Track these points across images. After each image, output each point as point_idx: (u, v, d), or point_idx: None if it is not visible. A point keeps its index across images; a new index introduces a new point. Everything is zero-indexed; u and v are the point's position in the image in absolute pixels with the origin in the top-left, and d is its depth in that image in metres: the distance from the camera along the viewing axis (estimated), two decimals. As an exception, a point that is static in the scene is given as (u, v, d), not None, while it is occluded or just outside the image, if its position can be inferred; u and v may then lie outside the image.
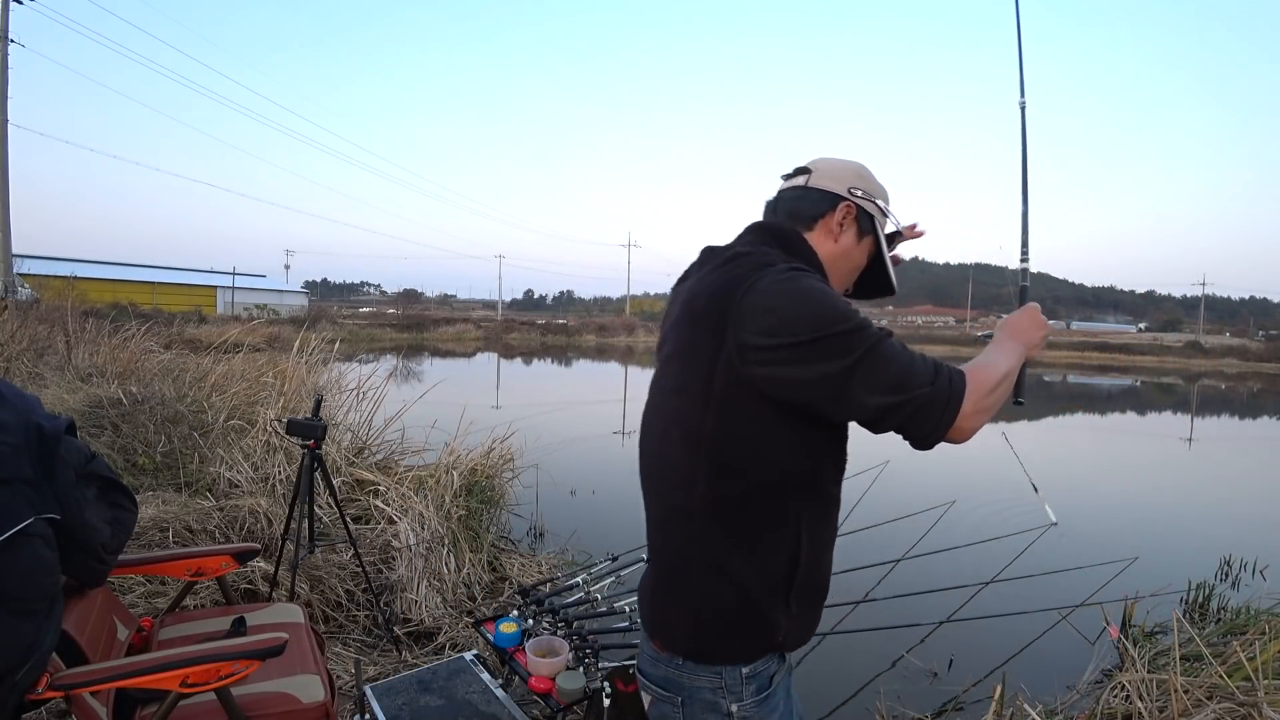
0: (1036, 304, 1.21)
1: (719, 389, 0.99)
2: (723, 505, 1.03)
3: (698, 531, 1.05)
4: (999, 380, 1.02)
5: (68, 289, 13.45)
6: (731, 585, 1.04)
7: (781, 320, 0.95)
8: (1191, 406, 20.22)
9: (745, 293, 0.98)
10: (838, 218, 1.15)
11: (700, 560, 1.05)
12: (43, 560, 1.26)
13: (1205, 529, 6.25)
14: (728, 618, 1.04)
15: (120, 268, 43.44)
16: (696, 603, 1.06)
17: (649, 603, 1.14)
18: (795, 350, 0.94)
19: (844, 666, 3.24)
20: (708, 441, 1.02)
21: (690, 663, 1.07)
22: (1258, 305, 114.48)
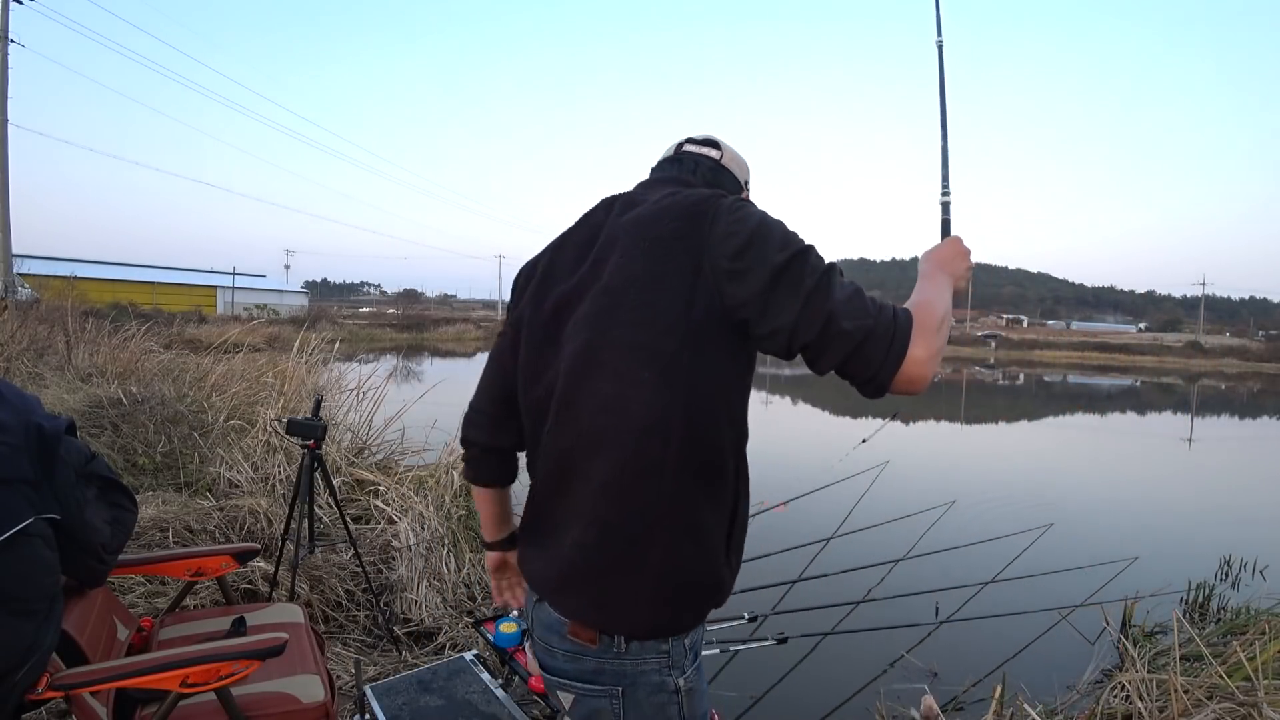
0: (960, 236, 1.17)
1: (698, 318, 0.91)
2: (697, 454, 0.94)
3: (670, 488, 0.93)
4: (942, 318, 0.94)
5: (68, 289, 13.45)
6: (702, 547, 0.97)
7: (751, 241, 0.90)
8: (1191, 407, 20.23)
9: (714, 217, 0.93)
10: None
11: (672, 521, 0.94)
12: (43, 560, 1.26)
13: (1205, 529, 6.25)
14: (695, 583, 0.98)
15: (120, 268, 43.43)
16: (665, 571, 0.95)
17: (579, 593, 0.98)
18: (764, 272, 0.89)
19: (844, 666, 3.24)
20: (685, 380, 0.92)
21: (636, 644, 0.96)
22: (1258, 305, 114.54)
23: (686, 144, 1.18)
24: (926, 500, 5.61)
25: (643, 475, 0.93)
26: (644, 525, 0.94)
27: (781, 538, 4.09)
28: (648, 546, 0.94)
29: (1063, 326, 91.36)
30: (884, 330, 0.87)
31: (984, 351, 53.94)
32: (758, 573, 3.48)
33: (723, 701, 2.87)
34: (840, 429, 13.12)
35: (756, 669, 3.13)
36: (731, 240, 0.91)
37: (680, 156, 1.16)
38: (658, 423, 0.92)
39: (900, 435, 12.33)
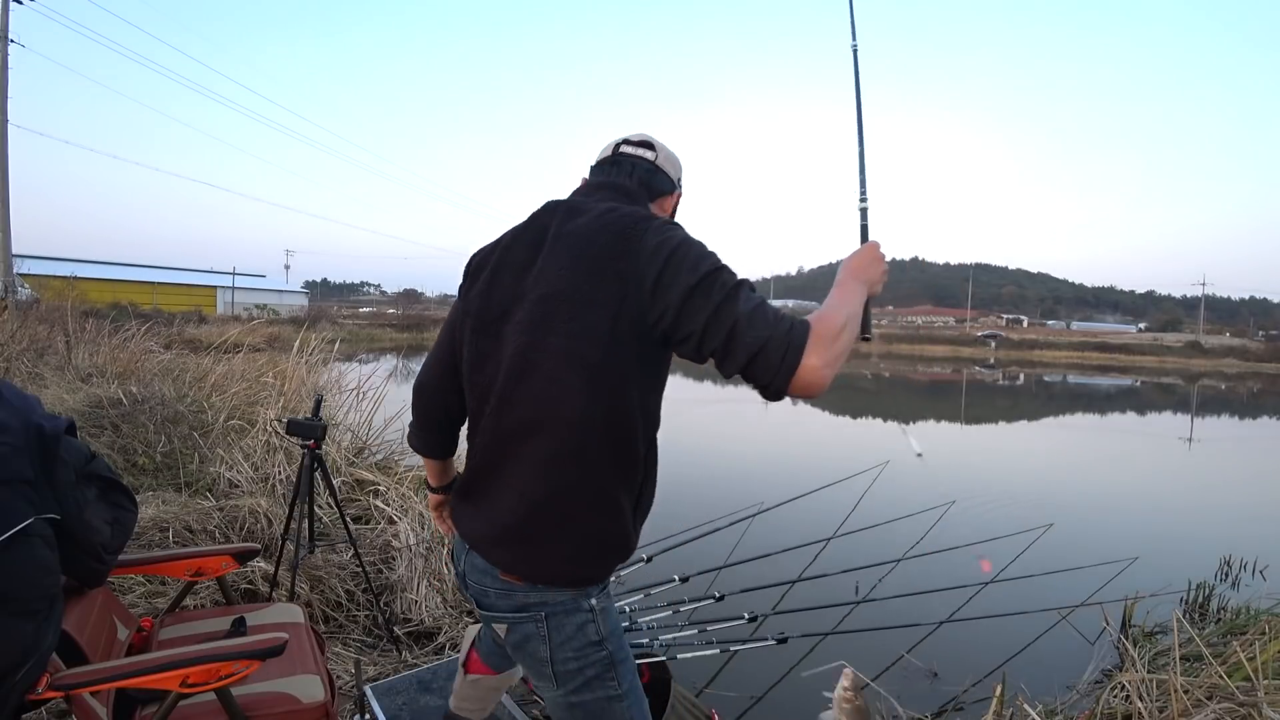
0: (877, 241, 1.24)
1: (622, 330, 1.07)
2: (615, 444, 1.13)
3: (591, 472, 1.13)
4: (841, 327, 1.03)
5: (68, 289, 13.45)
6: (615, 519, 1.17)
7: (670, 262, 1.04)
8: (1191, 407, 20.23)
9: (642, 241, 1.07)
10: (672, 201, 1.32)
11: (591, 499, 1.14)
12: (43, 560, 1.26)
13: (1205, 529, 6.25)
14: (608, 546, 1.18)
15: (120, 268, 43.42)
16: (583, 538, 1.15)
17: (510, 549, 1.17)
18: (681, 289, 1.03)
19: (844, 666, 3.24)
20: (607, 383, 1.09)
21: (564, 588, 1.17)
22: (1258, 305, 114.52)
23: (623, 145, 1.31)
24: (926, 500, 5.61)
25: (569, 461, 1.12)
26: (568, 501, 1.14)
27: (781, 538, 4.09)
28: (570, 518, 1.14)
29: (1063, 326, 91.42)
30: (779, 342, 0.98)
31: (984, 351, 53.94)
32: (758, 573, 3.48)
33: (723, 701, 2.87)
34: (840, 429, 13.13)
35: (756, 669, 3.13)
36: (655, 262, 1.05)
37: (618, 158, 1.29)
38: (583, 418, 1.10)
39: (899, 435, 12.33)
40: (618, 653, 1.21)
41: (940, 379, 28.07)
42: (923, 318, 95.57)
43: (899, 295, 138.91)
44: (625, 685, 1.22)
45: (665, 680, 2.17)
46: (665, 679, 2.18)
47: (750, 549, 3.88)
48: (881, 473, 5.94)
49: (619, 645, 1.22)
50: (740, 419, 13.39)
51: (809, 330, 0.99)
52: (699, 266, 1.03)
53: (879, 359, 41.12)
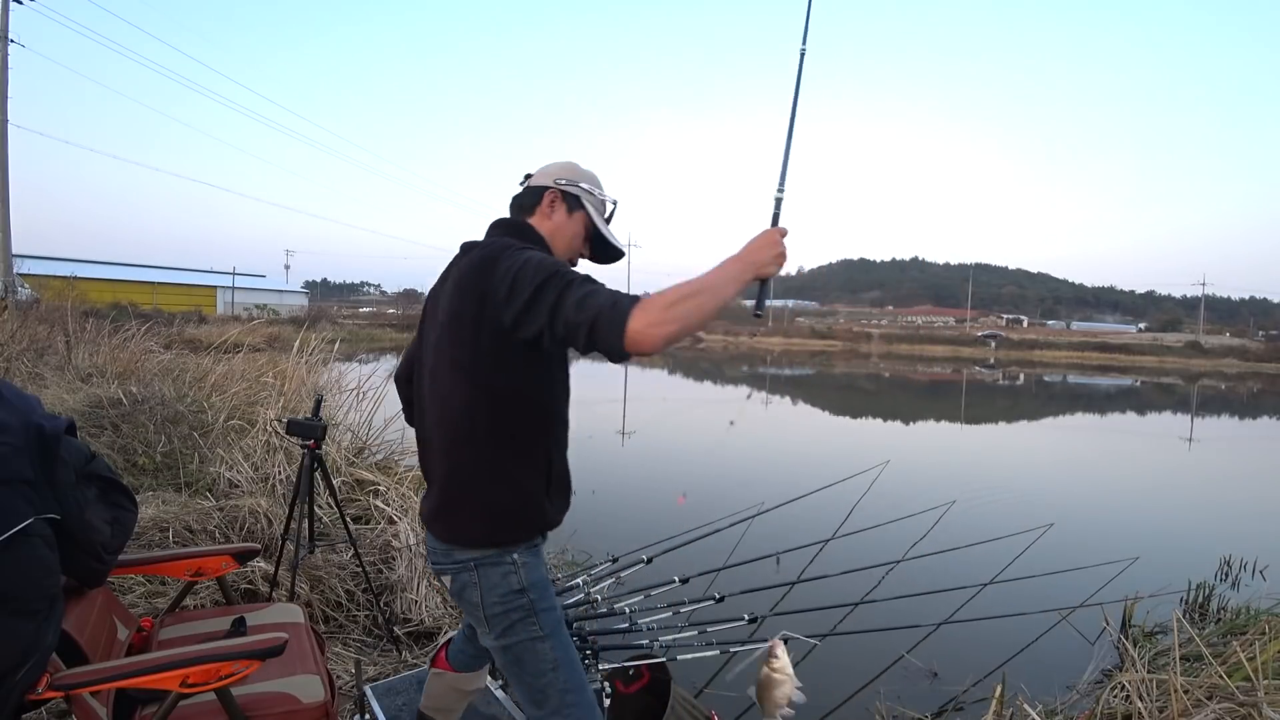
0: (782, 229, 1.35)
1: (486, 337, 1.34)
2: (501, 429, 1.39)
3: (483, 453, 1.39)
4: (683, 296, 1.18)
5: (68, 289, 13.45)
6: (515, 490, 1.40)
7: (517, 278, 1.27)
8: (1191, 407, 20.22)
9: (493, 267, 1.32)
10: (546, 203, 1.54)
11: (487, 475, 1.40)
12: (43, 560, 1.26)
13: (1205, 529, 6.25)
14: (512, 515, 1.41)
15: (120, 268, 43.41)
16: (483, 508, 1.40)
17: (442, 515, 1.45)
18: (524, 296, 1.25)
19: (844, 667, 3.24)
20: (484, 382, 1.37)
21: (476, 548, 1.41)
22: (1258, 305, 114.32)
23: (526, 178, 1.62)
24: (926, 501, 5.61)
25: (461, 445, 1.41)
26: (467, 477, 1.41)
27: (782, 539, 4.09)
28: (473, 492, 1.40)
29: (1063, 326, 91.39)
30: (606, 315, 1.16)
31: (984, 351, 53.95)
32: (757, 574, 3.47)
33: (723, 702, 2.87)
34: (840, 429, 13.12)
35: (756, 670, 3.13)
36: (506, 279, 1.29)
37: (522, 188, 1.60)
38: (467, 410, 1.39)
39: (900, 435, 12.33)
40: (539, 601, 1.42)
41: (940, 379, 28.07)
42: (923, 318, 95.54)
43: (899, 295, 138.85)
44: (548, 629, 1.43)
45: (665, 681, 2.17)
46: (665, 679, 2.18)
47: (750, 550, 3.88)
48: (881, 473, 5.94)
49: (541, 595, 1.43)
50: (741, 419, 13.38)
51: (636, 301, 1.18)
52: (537, 277, 1.25)
53: (879, 359, 41.10)
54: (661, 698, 2.11)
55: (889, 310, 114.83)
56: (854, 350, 51.24)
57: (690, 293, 1.20)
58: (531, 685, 1.43)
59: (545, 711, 1.43)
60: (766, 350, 47.46)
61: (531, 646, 1.42)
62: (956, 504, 5.70)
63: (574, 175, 1.57)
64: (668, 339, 1.16)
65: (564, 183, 1.55)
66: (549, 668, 1.42)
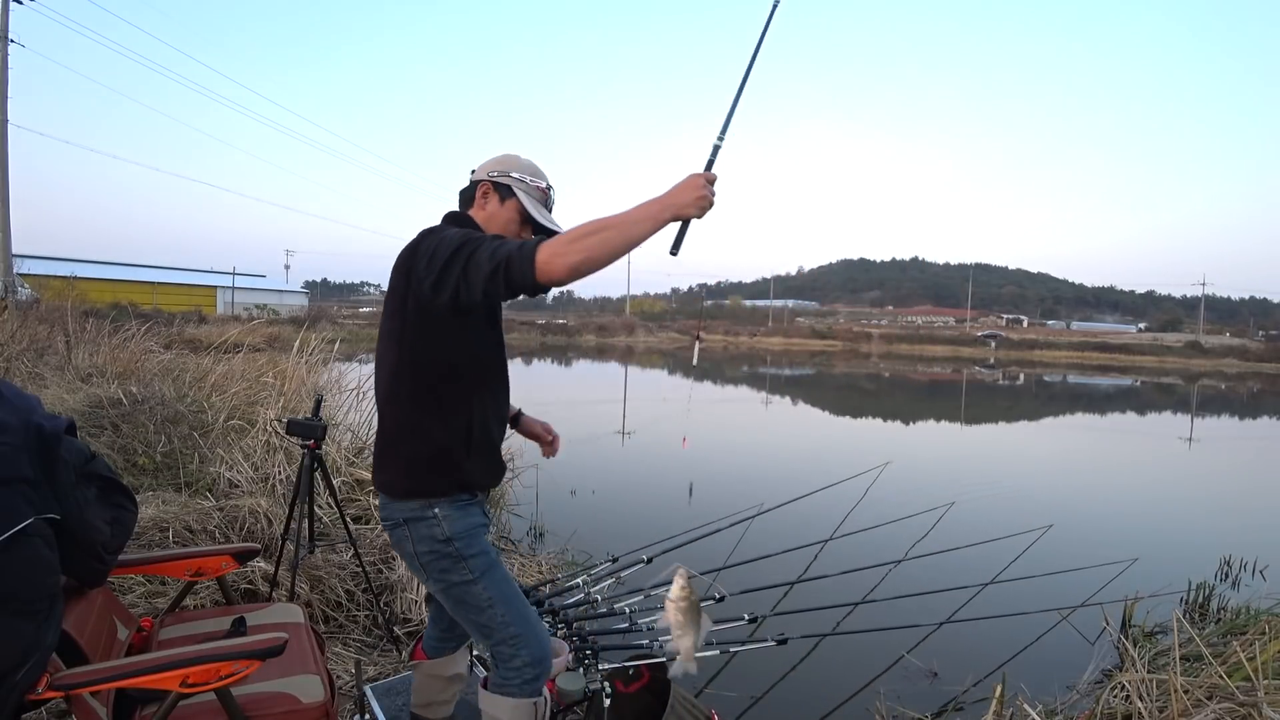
0: (711, 175, 1.39)
1: (411, 310, 1.51)
2: (422, 390, 1.56)
3: (406, 409, 1.58)
4: (597, 229, 1.31)
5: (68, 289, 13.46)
6: (433, 446, 1.56)
7: (433, 253, 1.43)
8: (1191, 407, 20.22)
9: (417, 247, 1.49)
10: (480, 194, 1.69)
11: (409, 430, 1.57)
12: (43, 560, 1.26)
13: (1205, 529, 6.25)
14: (430, 468, 1.56)
15: (120, 268, 43.41)
16: (406, 460, 1.57)
17: (378, 467, 1.63)
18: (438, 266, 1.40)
19: (844, 667, 3.24)
20: (409, 349, 1.54)
21: (402, 500, 1.58)
22: (1258, 305, 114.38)
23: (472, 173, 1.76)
24: (926, 501, 5.61)
25: (390, 402, 1.60)
26: (394, 432, 1.60)
27: (782, 539, 4.09)
28: (398, 445, 1.59)
29: (1063, 326, 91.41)
30: (515, 255, 1.32)
31: (984, 351, 53.95)
32: (757, 574, 3.48)
33: (723, 701, 2.87)
34: (841, 429, 13.13)
35: (756, 670, 3.13)
36: (424, 254, 1.45)
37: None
38: (395, 372, 1.57)
39: (900, 435, 12.33)
40: (465, 549, 1.57)
41: (940, 379, 28.07)
42: (923, 318, 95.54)
43: (899, 295, 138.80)
44: (477, 572, 1.58)
45: (665, 681, 2.17)
46: (665, 679, 2.18)
47: (750, 550, 3.89)
48: (881, 473, 5.94)
49: (468, 543, 1.58)
50: (741, 419, 13.39)
51: (541, 240, 1.34)
52: (451, 246, 1.41)
53: (879, 359, 41.11)
54: (661, 697, 2.11)
55: (889, 310, 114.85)
56: (854, 350, 51.23)
57: (598, 228, 1.31)
58: (475, 621, 1.61)
59: (493, 641, 1.60)
60: (766, 350, 47.46)
61: (466, 589, 1.58)
62: (956, 504, 5.70)
63: (506, 166, 1.70)
64: (573, 268, 1.29)
65: (495, 174, 1.69)
66: (486, 605, 1.58)
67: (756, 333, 63.45)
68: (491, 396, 1.65)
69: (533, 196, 1.69)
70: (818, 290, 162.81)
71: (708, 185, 1.37)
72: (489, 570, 1.60)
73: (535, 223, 1.68)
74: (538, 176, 1.72)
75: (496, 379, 1.67)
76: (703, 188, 1.36)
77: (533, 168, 1.73)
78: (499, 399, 1.68)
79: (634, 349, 40.92)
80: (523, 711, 1.61)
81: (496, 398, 1.67)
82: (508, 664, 1.60)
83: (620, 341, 46.42)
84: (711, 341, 54.91)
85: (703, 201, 1.36)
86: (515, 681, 1.60)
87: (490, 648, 1.62)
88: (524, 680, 1.60)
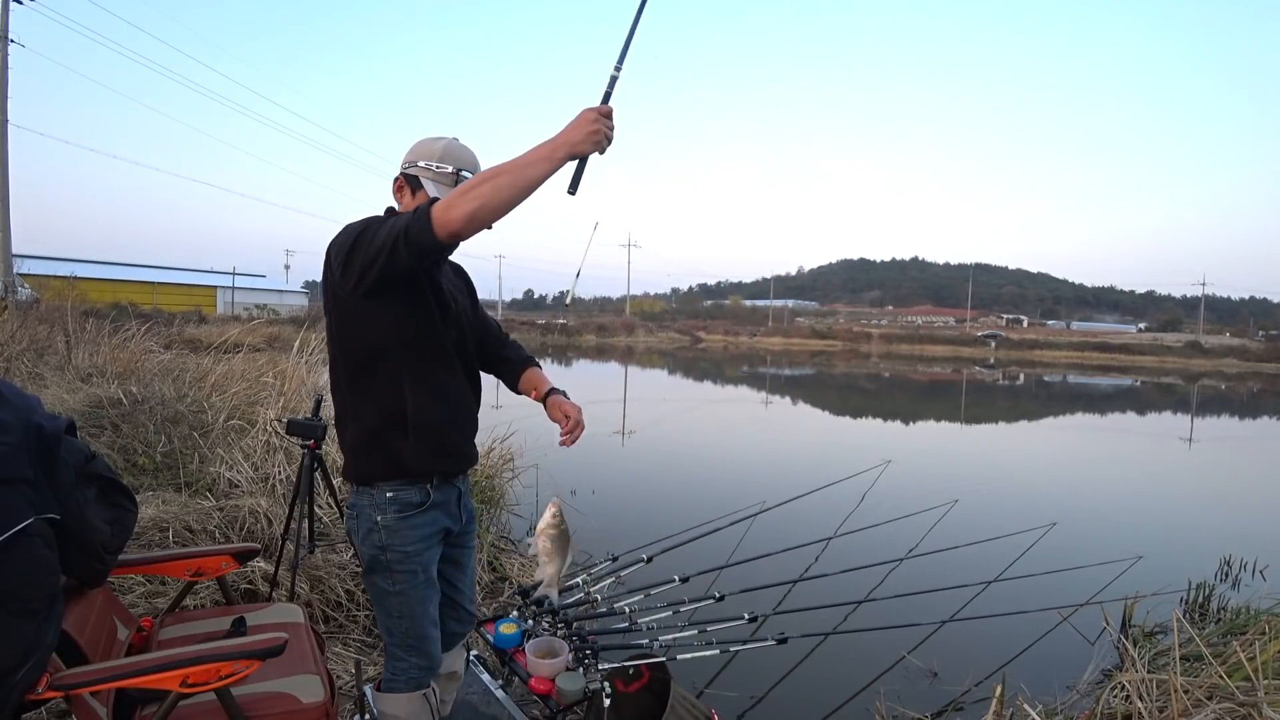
0: (606, 108, 1.37)
1: (331, 302, 1.58)
2: (351, 375, 1.61)
3: (342, 395, 1.64)
4: (489, 177, 1.32)
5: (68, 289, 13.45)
6: (369, 433, 1.61)
7: (340, 245, 1.48)
8: (1191, 407, 20.21)
9: (336, 239, 1.52)
10: (395, 189, 1.71)
11: (349, 416, 1.63)
12: (43, 560, 1.26)
13: (1205, 529, 6.25)
14: (369, 453, 1.61)
15: (120, 268, 43.43)
16: (351, 444, 1.64)
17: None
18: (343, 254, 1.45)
19: (844, 666, 3.24)
20: (335, 337, 1.61)
21: (355, 486, 1.65)
22: (1258, 305, 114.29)
23: None
24: (929, 500, 5.61)
25: (335, 391, 1.68)
26: (339, 417, 1.67)
27: (783, 538, 4.09)
28: (341, 430, 1.67)
29: (1063, 326, 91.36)
30: (413, 221, 1.34)
31: (984, 351, 53.93)
32: (758, 573, 3.47)
33: (723, 701, 2.87)
34: (841, 429, 13.13)
35: (757, 669, 3.13)
36: (334, 249, 1.50)
37: None
38: (332, 361, 1.65)
39: (901, 435, 12.33)
40: (396, 563, 1.62)
41: (940, 379, 28.06)
42: (923, 318, 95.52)
43: (899, 295, 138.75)
44: (398, 586, 1.63)
45: (665, 680, 2.17)
46: (665, 679, 2.18)
47: (751, 549, 3.88)
48: (883, 472, 5.94)
49: (400, 559, 1.62)
50: (741, 419, 13.39)
51: (435, 200, 1.37)
52: (352, 234, 1.45)
53: (879, 359, 41.12)
54: (661, 697, 2.10)
55: (889, 310, 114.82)
56: (854, 350, 51.22)
57: (491, 175, 1.31)
58: (382, 621, 1.71)
59: (389, 643, 1.71)
60: (766, 350, 47.46)
61: (383, 593, 1.66)
62: (958, 503, 5.70)
63: (414, 156, 1.68)
64: (469, 215, 1.30)
65: (406, 166, 1.68)
66: (395, 614, 1.66)
67: (756, 333, 63.46)
68: (431, 378, 1.63)
69: (440, 182, 1.65)
70: (818, 290, 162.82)
71: (602, 119, 1.33)
72: (410, 586, 1.65)
73: None
74: (445, 160, 1.66)
75: (437, 360, 1.64)
76: (596, 121, 1.32)
77: (443, 150, 1.67)
78: (444, 381, 1.66)
79: (634, 349, 40.93)
80: (415, 704, 1.71)
81: (438, 379, 1.64)
82: (396, 663, 1.70)
83: (620, 341, 46.43)
84: (711, 342, 54.92)
85: (597, 135, 1.33)
86: (402, 679, 1.70)
87: (386, 645, 1.73)
88: (409, 678, 1.71)
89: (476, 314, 1.90)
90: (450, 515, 1.74)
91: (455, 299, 1.72)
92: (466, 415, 1.74)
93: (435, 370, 1.64)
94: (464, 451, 1.74)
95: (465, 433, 1.75)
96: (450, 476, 1.71)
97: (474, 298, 1.90)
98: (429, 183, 1.64)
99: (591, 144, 1.33)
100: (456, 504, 1.77)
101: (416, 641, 1.69)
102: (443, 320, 1.64)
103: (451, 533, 1.77)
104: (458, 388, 1.71)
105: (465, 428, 1.74)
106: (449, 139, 1.70)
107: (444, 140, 1.69)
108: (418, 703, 1.72)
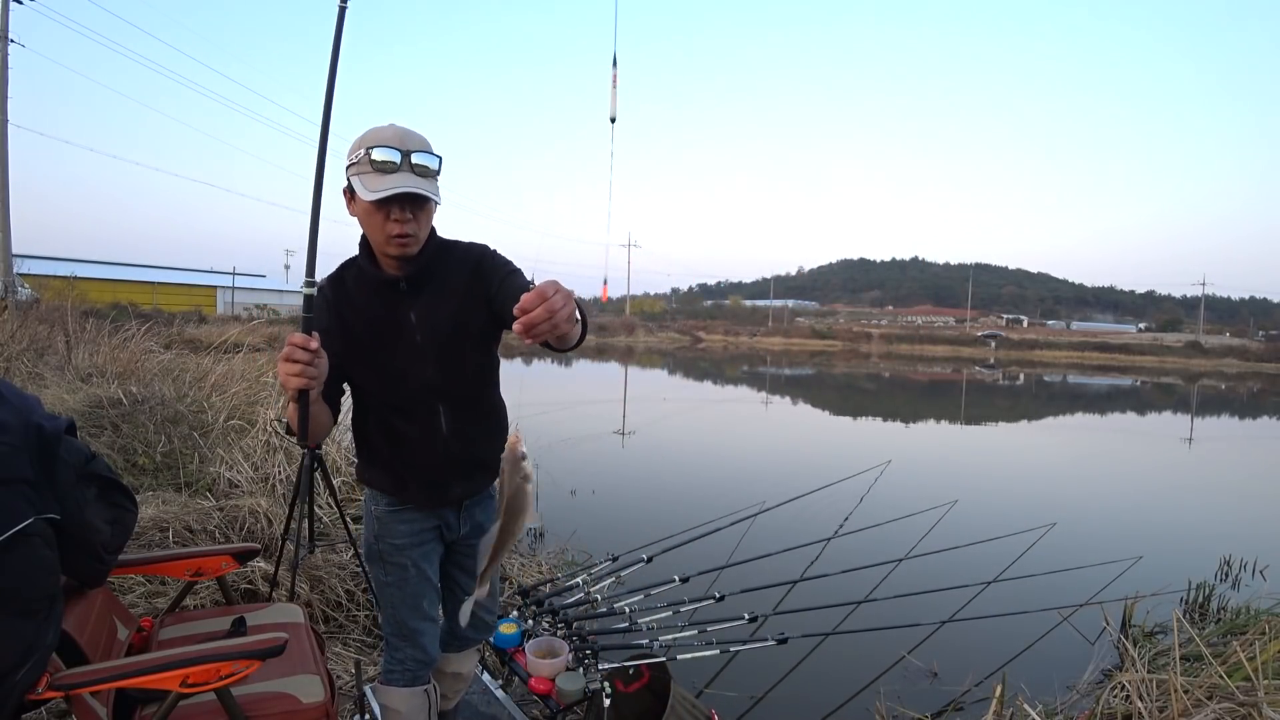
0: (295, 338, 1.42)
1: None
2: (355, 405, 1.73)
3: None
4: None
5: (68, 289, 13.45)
6: (356, 443, 1.75)
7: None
8: (1191, 407, 20.22)
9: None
10: (346, 203, 1.57)
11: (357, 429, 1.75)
12: (43, 560, 1.26)
13: (1205, 529, 6.25)
14: (361, 456, 1.75)
15: (120, 268, 43.41)
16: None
17: None
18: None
19: (844, 666, 3.24)
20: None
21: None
22: (1258, 305, 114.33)
23: None
24: (928, 500, 5.61)
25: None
26: None
27: (783, 538, 4.09)
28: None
29: (1063, 326, 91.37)
30: None
31: (984, 351, 53.93)
32: (758, 573, 3.47)
33: (723, 702, 2.87)
34: (841, 429, 13.12)
35: (757, 669, 3.13)
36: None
37: None
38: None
39: (901, 435, 12.33)
40: (390, 555, 1.71)
41: (940, 379, 28.06)
42: (923, 318, 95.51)
43: (899, 295, 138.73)
44: (392, 578, 1.72)
45: (665, 681, 2.17)
46: (665, 679, 2.18)
47: (751, 549, 3.88)
48: (883, 472, 5.94)
49: (391, 551, 1.70)
50: (741, 419, 13.39)
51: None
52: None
53: (879, 359, 41.11)
54: (662, 697, 2.10)
55: (889, 310, 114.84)
56: (854, 350, 51.21)
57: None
58: (381, 613, 1.82)
59: (386, 632, 1.79)
60: (766, 350, 47.46)
61: (379, 583, 1.77)
62: (958, 504, 5.70)
63: (347, 162, 1.50)
64: None
65: (346, 175, 1.51)
66: (389, 605, 1.75)
67: (756, 333, 63.44)
68: (385, 421, 1.67)
69: (362, 176, 1.46)
70: (818, 290, 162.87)
71: (296, 351, 1.33)
72: (402, 581, 1.72)
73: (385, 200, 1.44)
74: (360, 146, 1.47)
75: (390, 405, 1.65)
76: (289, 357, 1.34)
77: (365, 138, 1.47)
78: (395, 425, 1.65)
79: (634, 349, 40.93)
80: (416, 700, 1.76)
81: (391, 423, 1.66)
82: (393, 653, 1.76)
83: (620, 341, 46.42)
84: (711, 342, 54.91)
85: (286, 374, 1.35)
86: (399, 670, 1.75)
87: (384, 637, 1.80)
88: (406, 670, 1.75)
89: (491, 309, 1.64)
90: (440, 519, 1.77)
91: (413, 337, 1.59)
92: (428, 458, 1.66)
93: (389, 415, 1.66)
94: (428, 493, 1.69)
95: (426, 475, 1.67)
96: (423, 506, 1.72)
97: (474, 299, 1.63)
98: (358, 185, 1.46)
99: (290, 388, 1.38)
100: (452, 516, 1.78)
101: (409, 633, 1.75)
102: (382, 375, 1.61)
103: (447, 535, 1.79)
104: (413, 433, 1.64)
105: (424, 471, 1.67)
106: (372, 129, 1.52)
107: (370, 130, 1.50)
108: (419, 698, 1.76)
